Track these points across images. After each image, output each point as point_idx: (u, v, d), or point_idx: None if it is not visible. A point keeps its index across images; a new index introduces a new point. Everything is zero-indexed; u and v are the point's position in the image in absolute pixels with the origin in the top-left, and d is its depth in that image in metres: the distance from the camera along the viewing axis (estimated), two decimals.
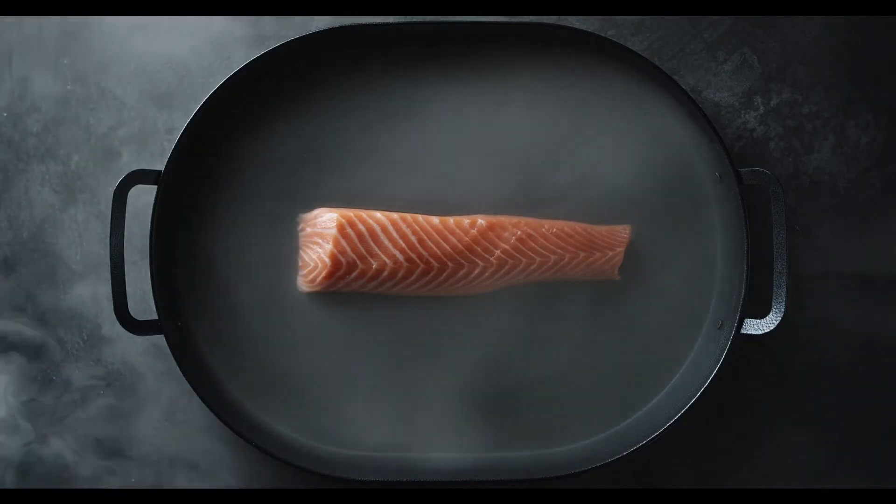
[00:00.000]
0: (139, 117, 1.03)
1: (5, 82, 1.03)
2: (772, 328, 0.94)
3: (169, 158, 0.96)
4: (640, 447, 0.96)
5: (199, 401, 0.96)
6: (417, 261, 0.98)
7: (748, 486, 1.03)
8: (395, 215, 0.98)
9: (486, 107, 1.01)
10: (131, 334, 0.95)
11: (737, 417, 1.03)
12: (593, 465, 0.96)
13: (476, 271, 0.99)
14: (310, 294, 1.00)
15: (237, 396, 1.00)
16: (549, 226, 1.00)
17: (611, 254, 1.00)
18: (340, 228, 0.97)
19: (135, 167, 0.97)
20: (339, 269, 0.97)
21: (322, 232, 0.98)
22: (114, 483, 1.02)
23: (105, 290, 1.01)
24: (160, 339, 0.96)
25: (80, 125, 1.03)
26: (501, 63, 1.01)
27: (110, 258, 0.94)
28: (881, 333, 1.03)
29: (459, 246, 0.98)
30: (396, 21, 1.03)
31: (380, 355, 1.01)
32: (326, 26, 1.01)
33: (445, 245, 0.98)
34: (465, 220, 0.99)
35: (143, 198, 0.99)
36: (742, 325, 0.95)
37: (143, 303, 1.01)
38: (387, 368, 1.01)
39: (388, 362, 1.01)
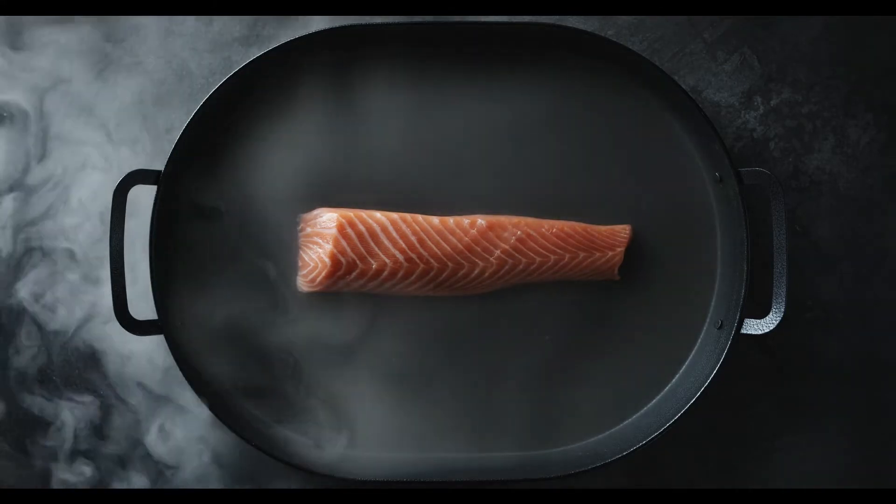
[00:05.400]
0: (139, 117, 1.03)
1: (4, 86, 1.03)
2: (772, 328, 0.94)
3: (169, 158, 0.96)
4: (640, 447, 0.96)
5: (199, 401, 0.96)
6: (417, 261, 0.98)
7: (748, 486, 1.03)
8: (395, 215, 0.98)
9: (486, 106, 1.01)
10: (131, 334, 0.95)
11: (737, 417, 1.03)
12: (593, 465, 0.96)
13: (476, 271, 0.99)
14: (310, 294, 1.00)
15: (237, 396, 1.00)
16: (549, 226, 1.00)
17: (611, 254, 1.00)
18: (340, 228, 0.97)
19: (135, 167, 0.97)
20: (339, 269, 0.97)
21: (322, 232, 0.98)
22: (113, 483, 1.02)
23: (105, 290, 1.01)
24: (160, 339, 0.96)
25: (81, 125, 1.03)
26: (501, 63, 1.01)
27: (110, 258, 0.94)
28: (881, 334, 1.03)
29: (459, 246, 0.98)
30: (396, 21, 1.03)
31: (379, 355, 1.01)
32: (326, 26, 1.01)
33: (445, 245, 0.98)
34: (465, 220, 0.99)
35: (143, 198, 0.99)
36: (742, 325, 0.95)
37: (143, 303, 1.01)
38: (386, 368, 1.01)
39: (388, 362, 1.01)
